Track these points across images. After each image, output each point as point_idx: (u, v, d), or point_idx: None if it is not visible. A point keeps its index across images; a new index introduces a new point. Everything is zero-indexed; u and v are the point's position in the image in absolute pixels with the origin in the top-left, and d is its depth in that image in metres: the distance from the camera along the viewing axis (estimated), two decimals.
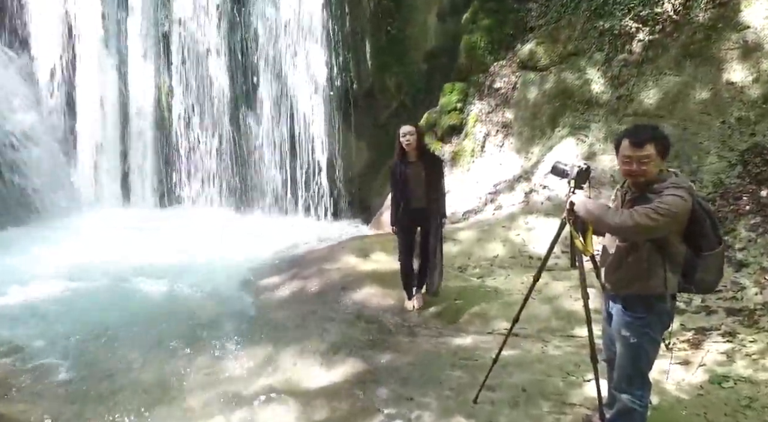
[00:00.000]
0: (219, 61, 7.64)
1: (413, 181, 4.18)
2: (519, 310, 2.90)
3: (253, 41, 7.72)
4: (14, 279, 5.10)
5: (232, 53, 7.71)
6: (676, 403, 2.81)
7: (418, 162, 4.14)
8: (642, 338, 2.24)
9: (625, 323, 2.29)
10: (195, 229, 7.13)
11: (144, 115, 7.65)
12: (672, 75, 5.36)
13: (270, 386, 3.50)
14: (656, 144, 2.13)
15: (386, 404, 3.13)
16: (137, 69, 7.55)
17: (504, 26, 7.58)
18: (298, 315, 4.57)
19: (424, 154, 4.23)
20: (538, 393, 3.11)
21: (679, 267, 2.19)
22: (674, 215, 2.05)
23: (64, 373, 3.51)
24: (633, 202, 2.21)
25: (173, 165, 7.85)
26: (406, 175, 4.18)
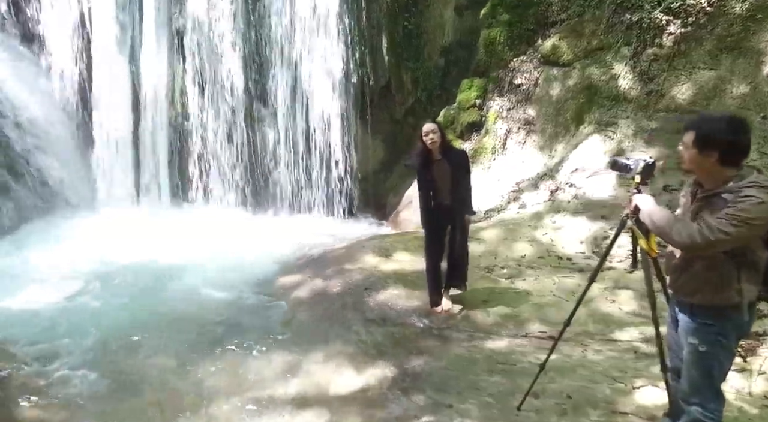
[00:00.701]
0: (233, 57, 7.50)
1: (440, 180, 4.03)
2: (571, 313, 2.73)
3: (268, 37, 7.58)
4: (33, 277, 4.98)
5: (246, 49, 7.56)
6: (740, 414, 2.63)
7: (443, 159, 3.98)
8: (713, 346, 2.03)
9: (693, 330, 2.09)
10: (209, 229, 6.99)
11: (157, 112, 7.51)
12: (707, 69, 5.18)
13: (299, 391, 3.35)
14: (697, 132, 1.95)
15: (424, 411, 2.97)
16: (151, 65, 7.42)
17: (524, 21, 7.39)
18: (322, 316, 4.42)
19: (449, 150, 4.07)
20: (585, 401, 2.94)
21: (759, 275, 1.98)
22: (754, 223, 1.81)
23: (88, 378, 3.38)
24: (704, 200, 2.02)
25: (186, 163, 7.72)
26: (432, 173, 4.02)
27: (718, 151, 1.91)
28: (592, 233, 5.20)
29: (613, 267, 4.72)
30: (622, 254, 4.88)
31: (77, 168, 7.34)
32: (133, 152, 7.58)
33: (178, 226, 7.01)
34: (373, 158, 8.27)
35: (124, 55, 7.41)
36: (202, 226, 7.08)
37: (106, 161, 7.49)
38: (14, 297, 4.60)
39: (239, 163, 7.76)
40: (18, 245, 5.96)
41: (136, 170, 7.62)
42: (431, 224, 4.20)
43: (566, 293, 4.43)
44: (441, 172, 3.97)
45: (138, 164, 7.62)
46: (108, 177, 7.50)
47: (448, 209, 4.09)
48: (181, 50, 7.56)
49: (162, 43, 7.46)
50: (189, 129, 7.69)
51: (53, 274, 5.15)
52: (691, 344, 2.10)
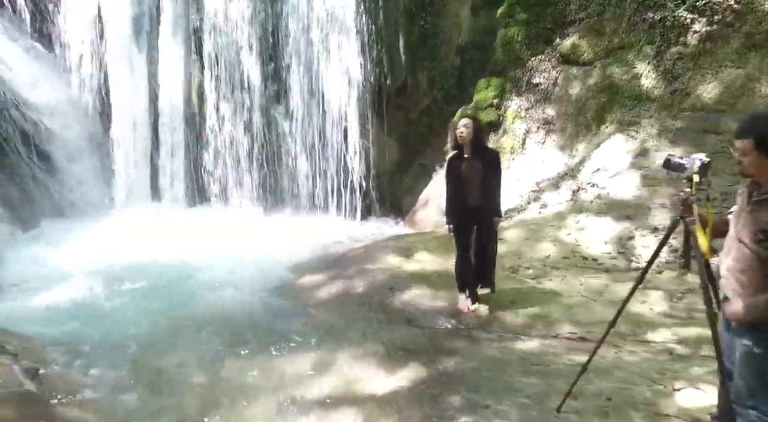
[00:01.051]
0: (250, 57, 7.50)
1: (470, 178, 3.98)
2: (617, 314, 2.67)
3: (285, 36, 7.57)
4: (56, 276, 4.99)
5: (263, 49, 7.56)
6: None
7: (475, 158, 3.93)
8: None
9: (747, 332, 2.05)
10: (227, 229, 6.98)
11: (174, 112, 7.53)
12: (733, 67, 5.13)
13: (331, 391, 3.32)
14: (756, 136, 1.90)
15: (461, 412, 2.93)
16: (168, 65, 7.44)
17: (542, 20, 7.34)
18: (347, 316, 4.39)
19: (482, 149, 4.03)
20: (625, 403, 2.89)
21: None
22: None
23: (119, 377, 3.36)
24: (762, 203, 1.96)
25: (203, 163, 7.73)
26: (462, 171, 3.98)
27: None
28: (617, 233, 5.14)
29: (640, 268, 4.67)
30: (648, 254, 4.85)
31: (95, 168, 7.37)
32: (150, 152, 7.60)
33: (196, 226, 7.01)
34: (388, 158, 8.25)
35: (142, 56, 7.43)
36: (220, 226, 7.07)
37: (124, 161, 7.51)
38: (39, 295, 4.61)
39: (255, 163, 7.76)
40: (38, 245, 5.98)
41: (153, 170, 7.63)
42: (458, 223, 4.16)
43: (594, 293, 4.39)
44: (471, 171, 3.93)
45: (155, 164, 7.63)
46: (125, 177, 7.52)
47: (476, 209, 4.04)
48: (198, 50, 7.57)
49: (179, 44, 7.48)
50: (206, 129, 7.70)
51: (75, 273, 5.15)
52: (745, 345, 2.05)
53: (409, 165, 8.37)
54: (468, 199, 4.04)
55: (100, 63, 7.42)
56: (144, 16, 7.39)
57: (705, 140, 5.08)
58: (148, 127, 7.56)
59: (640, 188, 5.36)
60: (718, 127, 4.99)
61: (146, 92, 7.50)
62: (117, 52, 7.38)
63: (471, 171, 3.95)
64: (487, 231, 4.13)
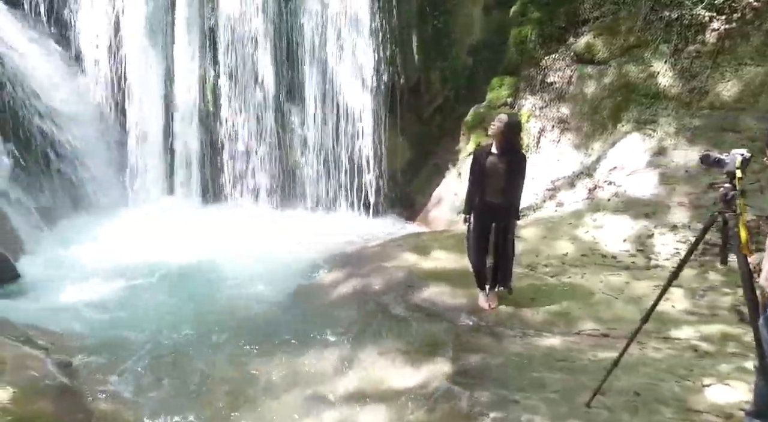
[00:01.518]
0: (265, 55, 7.53)
1: (493, 175, 3.95)
2: (650, 310, 2.67)
3: (300, 35, 7.60)
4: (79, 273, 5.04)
5: (277, 47, 7.59)
6: None
7: (503, 157, 3.91)
8: None
9: None
10: (242, 226, 7.02)
11: (189, 110, 7.57)
12: (754, 65, 5.12)
13: (357, 387, 3.34)
14: None
15: (490, 407, 2.94)
16: (183, 63, 7.48)
17: (555, 19, 7.34)
18: (367, 313, 4.40)
19: (511, 150, 3.97)
20: (654, 399, 2.90)
21: None
22: None
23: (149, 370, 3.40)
24: None
25: (217, 160, 7.77)
26: (487, 166, 3.95)
27: None
28: (636, 231, 5.14)
29: (660, 265, 4.68)
30: (668, 252, 4.85)
31: (110, 165, 7.42)
32: (164, 149, 7.64)
33: (210, 223, 7.04)
34: (401, 157, 8.26)
35: (157, 53, 7.47)
36: (234, 223, 7.11)
37: (139, 159, 7.55)
38: (64, 292, 4.66)
39: (269, 161, 7.79)
40: (57, 242, 6.02)
41: (167, 167, 7.67)
42: (477, 220, 4.13)
43: (615, 291, 4.38)
44: (496, 167, 3.91)
45: (170, 161, 7.68)
46: (140, 174, 7.57)
47: (496, 208, 4.02)
48: (212, 48, 7.61)
49: (194, 42, 7.51)
50: (220, 126, 7.74)
51: (97, 270, 5.20)
52: None
53: (422, 164, 8.38)
54: (488, 196, 4.02)
55: (115, 61, 7.46)
56: (159, 15, 7.43)
57: (724, 138, 5.07)
58: (163, 125, 7.60)
59: (658, 186, 5.36)
60: (737, 126, 4.99)
61: (161, 90, 7.55)
62: (133, 50, 7.42)
63: (495, 168, 3.93)
64: (504, 231, 4.09)
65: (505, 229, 4.09)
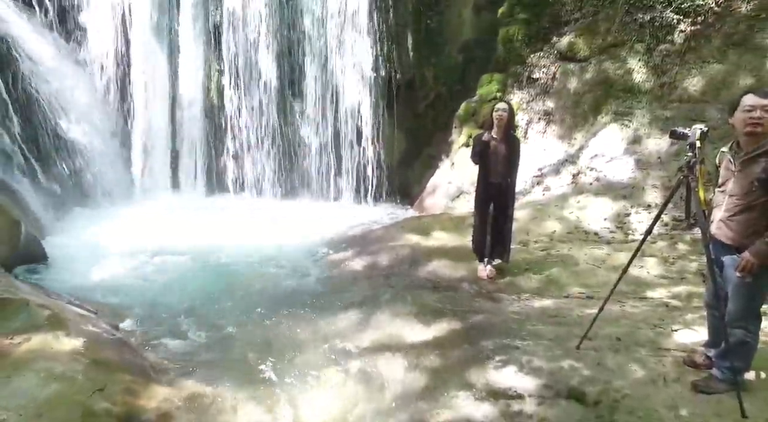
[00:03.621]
0: (267, 51, 7.88)
1: (494, 158, 4.44)
2: (625, 267, 3.19)
3: (301, 32, 7.98)
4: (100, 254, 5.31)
5: (280, 44, 7.95)
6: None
7: (502, 141, 4.41)
8: (759, 277, 2.47)
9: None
10: (247, 214, 7.36)
11: (194, 104, 7.86)
12: (715, 63, 5.75)
13: (376, 340, 3.77)
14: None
15: (495, 352, 3.41)
16: (188, 59, 7.77)
17: (540, 19, 7.91)
18: (378, 284, 4.84)
19: (509, 134, 4.48)
20: (633, 342, 3.42)
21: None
22: None
23: (186, 332, 3.76)
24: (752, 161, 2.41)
25: (221, 153, 8.08)
26: (489, 150, 4.43)
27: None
28: (615, 211, 5.73)
29: (636, 240, 5.25)
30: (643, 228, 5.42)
31: (117, 159, 7.65)
32: (170, 143, 7.91)
33: (217, 213, 7.37)
34: (397, 149, 8.72)
35: (163, 49, 7.74)
36: (240, 213, 7.45)
37: (145, 152, 7.80)
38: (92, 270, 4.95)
39: (272, 153, 8.14)
40: (74, 228, 6.27)
41: (173, 160, 7.94)
42: (479, 197, 4.63)
43: (597, 261, 4.94)
44: (497, 151, 4.40)
45: (175, 154, 7.94)
46: (146, 167, 7.82)
47: (496, 185, 4.54)
48: (217, 45, 7.91)
49: (199, 38, 7.81)
50: (224, 120, 8.05)
51: (118, 252, 5.49)
52: (739, 277, 2.51)
53: (417, 155, 8.87)
54: (490, 176, 4.52)
55: (122, 57, 7.70)
56: (165, 12, 7.69)
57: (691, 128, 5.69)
58: (169, 119, 7.87)
59: (635, 171, 5.96)
60: (703, 116, 5.61)
61: (167, 85, 7.81)
62: (139, 46, 7.68)
63: (496, 151, 4.41)
64: (504, 207, 4.64)
65: (505, 206, 4.60)
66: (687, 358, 3.08)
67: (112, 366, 2.89)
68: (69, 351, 2.85)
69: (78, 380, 2.63)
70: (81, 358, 2.79)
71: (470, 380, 3.12)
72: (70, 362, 2.75)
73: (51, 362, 2.71)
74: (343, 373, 3.39)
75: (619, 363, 3.12)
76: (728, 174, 2.58)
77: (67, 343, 2.91)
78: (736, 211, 2.51)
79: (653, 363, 3.07)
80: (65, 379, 2.60)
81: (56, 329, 3.01)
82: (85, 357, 2.82)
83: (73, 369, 2.69)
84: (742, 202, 2.47)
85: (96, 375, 2.72)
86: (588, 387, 2.86)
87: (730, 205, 2.55)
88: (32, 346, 2.84)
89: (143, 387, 2.82)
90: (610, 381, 2.89)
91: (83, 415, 2.42)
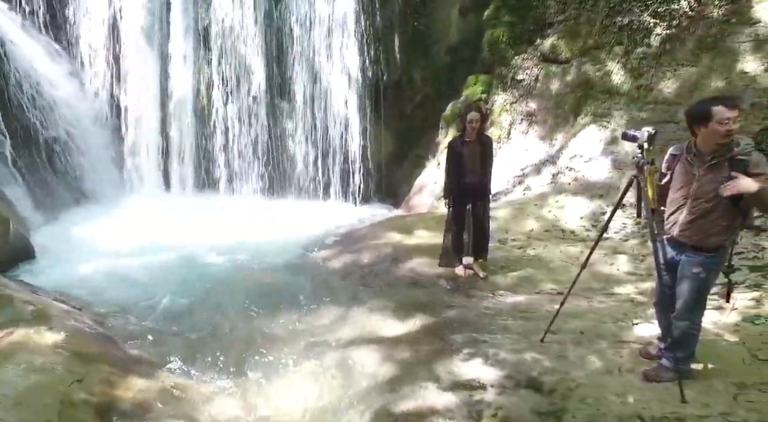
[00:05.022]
0: (256, 53, 8.01)
1: (469, 159, 4.57)
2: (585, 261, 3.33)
3: (289, 35, 8.11)
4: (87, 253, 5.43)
5: (268, 46, 8.08)
6: (717, 337, 3.29)
7: (476, 142, 4.55)
8: (710, 273, 2.64)
9: (698, 262, 2.63)
10: (235, 213, 7.49)
11: (184, 106, 7.98)
12: (689, 66, 5.90)
13: (353, 335, 3.92)
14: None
15: (463, 345, 3.56)
16: (178, 61, 7.90)
17: (524, 22, 8.05)
18: (358, 281, 4.99)
19: (481, 136, 4.62)
20: (595, 335, 3.57)
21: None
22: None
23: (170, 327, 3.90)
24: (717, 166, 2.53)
25: (211, 153, 8.21)
26: (463, 152, 4.57)
27: None
28: (591, 210, 5.88)
29: (609, 237, 5.41)
30: (617, 227, 5.59)
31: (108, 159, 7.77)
32: (161, 144, 8.03)
33: (206, 212, 7.49)
34: (385, 149, 8.86)
35: (153, 52, 7.85)
36: (229, 211, 7.57)
37: (135, 152, 7.92)
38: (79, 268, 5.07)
39: (260, 153, 8.27)
40: (63, 227, 6.38)
41: (164, 161, 8.07)
42: (455, 196, 4.77)
43: (571, 259, 5.09)
44: (471, 152, 4.53)
45: (165, 154, 8.07)
46: (137, 167, 7.93)
47: (474, 186, 4.65)
48: (206, 47, 8.03)
49: (189, 41, 7.94)
50: (213, 121, 8.17)
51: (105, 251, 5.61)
52: (694, 273, 2.64)
53: (404, 155, 9.01)
54: (466, 178, 4.64)
55: (113, 59, 7.81)
56: (156, 15, 7.81)
57: (665, 128, 5.82)
58: (159, 120, 7.99)
59: (611, 171, 6.11)
60: (676, 118, 5.75)
61: (158, 86, 7.93)
62: (130, 48, 7.79)
63: (472, 153, 4.54)
64: (483, 206, 4.77)
65: (483, 206, 4.73)
66: (642, 350, 3.23)
67: (92, 358, 3.02)
68: (50, 344, 2.98)
69: (58, 371, 2.76)
70: (62, 351, 2.92)
71: (437, 372, 3.27)
72: (51, 354, 2.88)
73: (32, 355, 2.84)
74: (319, 366, 3.53)
75: (579, 355, 3.27)
76: (688, 178, 2.66)
77: (48, 337, 3.04)
78: (701, 213, 2.61)
79: (611, 354, 3.22)
80: (45, 371, 2.73)
81: (39, 324, 3.14)
82: (65, 350, 2.95)
83: (53, 361, 2.82)
84: (707, 204, 2.58)
85: (75, 366, 2.85)
86: (546, 377, 3.01)
87: (694, 208, 2.63)
88: (14, 339, 2.97)
89: (121, 379, 2.95)
90: (568, 372, 3.04)
91: (62, 404, 2.55)
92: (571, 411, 2.65)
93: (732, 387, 2.69)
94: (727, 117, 2.47)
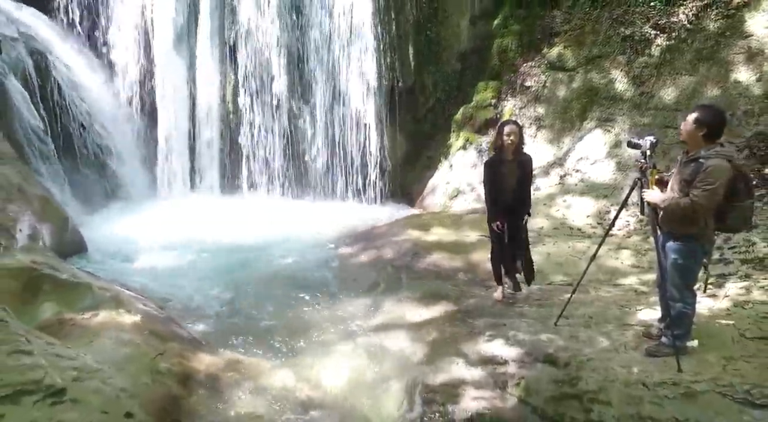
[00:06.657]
0: (278, 61, 8.47)
1: (507, 180, 4.20)
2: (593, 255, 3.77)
3: (310, 44, 8.58)
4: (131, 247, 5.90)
5: (290, 54, 8.54)
6: (710, 319, 3.73)
7: (514, 161, 4.17)
8: (687, 259, 3.06)
9: (675, 249, 3.09)
10: (261, 213, 7.95)
11: (211, 111, 8.45)
12: (687, 75, 6.34)
13: (384, 321, 4.38)
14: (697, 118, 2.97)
15: (485, 329, 4.01)
16: (205, 69, 8.36)
17: (532, 31, 8.50)
18: (383, 275, 5.44)
19: (520, 153, 4.22)
20: (603, 320, 4.01)
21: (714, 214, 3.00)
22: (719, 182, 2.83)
23: (221, 312, 4.37)
24: (686, 164, 3.02)
25: (236, 156, 8.67)
26: (502, 172, 4.19)
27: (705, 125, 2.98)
28: (597, 209, 6.32)
29: (615, 234, 5.85)
30: (621, 224, 6.03)
31: (141, 161, 8.25)
32: (189, 146, 8.50)
33: (233, 212, 7.95)
34: (399, 152, 9.31)
35: (182, 60, 8.32)
36: (254, 211, 8.03)
37: (165, 155, 8.40)
38: (128, 261, 5.53)
39: (283, 156, 8.73)
40: (104, 224, 6.84)
41: (191, 162, 8.54)
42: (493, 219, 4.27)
43: (579, 253, 5.53)
44: (509, 173, 4.18)
45: (193, 157, 8.54)
46: (167, 169, 8.41)
47: (509, 207, 4.24)
48: (232, 56, 8.50)
49: (216, 50, 8.40)
50: (238, 125, 8.64)
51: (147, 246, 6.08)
52: (673, 259, 3.11)
53: (417, 157, 9.46)
54: (503, 198, 4.22)
55: (145, 67, 8.28)
56: (184, 26, 8.28)
57: (666, 133, 6.28)
58: (188, 124, 8.46)
59: (615, 172, 6.55)
60: (675, 123, 6.18)
61: (186, 93, 8.40)
62: (161, 57, 8.26)
63: (510, 173, 4.17)
64: (520, 225, 4.33)
65: (524, 226, 4.33)
66: (645, 331, 3.66)
67: (165, 336, 3.48)
68: (131, 324, 3.44)
69: (142, 346, 3.22)
70: (141, 330, 3.38)
71: (464, 350, 3.71)
72: (134, 333, 3.34)
73: (119, 332, 3.30)
74: (357, 346, 3.98)
75: (589, 336, 3.71)
76: (675, 173, 3.16)
77: (128, 318, 3.50)
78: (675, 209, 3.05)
79: (617, 335, 3.66)
80: (132, 345, 3.19)
81: (118, 307, 3.60)
82: (144, 329, 3.41)
83: (136, 338, 3.29)
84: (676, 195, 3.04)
85: (155, 343, 3.31)
86: (561, 353, 3.45)
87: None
88: (101, 320, 3.43)
89: (192, 354, 3.41)
90: (580, 349, 3.48)
91: (151, 372, 3.01)
92: (585, 379, 3.10)
93: (722, 360, 3.12)
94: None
